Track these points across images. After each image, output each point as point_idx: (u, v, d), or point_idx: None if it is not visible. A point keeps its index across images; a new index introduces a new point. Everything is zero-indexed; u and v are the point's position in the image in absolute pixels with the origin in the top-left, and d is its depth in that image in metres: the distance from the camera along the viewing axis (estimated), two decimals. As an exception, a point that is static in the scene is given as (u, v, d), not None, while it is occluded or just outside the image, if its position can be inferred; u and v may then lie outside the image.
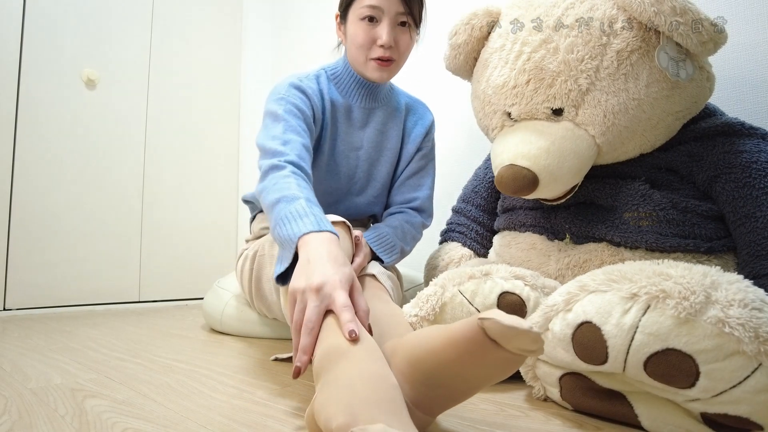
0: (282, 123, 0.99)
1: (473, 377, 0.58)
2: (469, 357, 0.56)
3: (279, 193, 0.85)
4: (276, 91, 1.06)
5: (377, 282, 0.95)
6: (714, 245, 0.86)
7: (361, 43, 1.04)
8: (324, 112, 1.10)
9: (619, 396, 0.67)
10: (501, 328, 0.53)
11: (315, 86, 1.10)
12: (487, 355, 0.55)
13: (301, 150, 0.95)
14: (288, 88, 1.05)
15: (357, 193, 1.18)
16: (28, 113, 1.89)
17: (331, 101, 1.12)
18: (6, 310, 1.83)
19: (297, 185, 0.86)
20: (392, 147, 1.19)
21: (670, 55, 0.85)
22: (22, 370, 0.96)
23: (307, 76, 1.11)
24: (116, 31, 2.11)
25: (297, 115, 1.01)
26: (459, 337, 0.57)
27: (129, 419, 0.68)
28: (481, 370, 0.57)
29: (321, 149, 1.12)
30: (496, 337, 0.54)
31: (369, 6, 1.02)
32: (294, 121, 1.00)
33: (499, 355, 0.55)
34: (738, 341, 0.56)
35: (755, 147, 0.86)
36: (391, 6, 1.02)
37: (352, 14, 1.05)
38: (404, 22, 1.04)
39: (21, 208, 1.87)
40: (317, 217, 0.79)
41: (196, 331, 1.45)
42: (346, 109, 1.13)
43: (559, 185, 0.91)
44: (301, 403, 0.75)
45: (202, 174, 2.34)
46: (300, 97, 1.05)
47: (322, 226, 0.77)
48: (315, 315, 0.66)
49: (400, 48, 1.06)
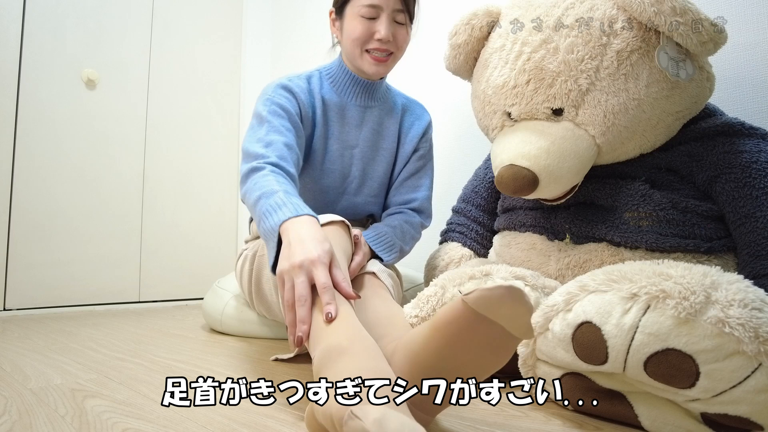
0: (265, 125, 1.01)
1: (469, 363, 0.58)
2: (459, 338, 0.56)
3: (259, 191, 0.87)
4: (264, 92, 1.08)
5: (378, 280, 0.95)
6: (714, 245, 0.86)
7: (358, 36, 1.05)
8: (314, 109, 1.12)
9: (619, 396, 0.67)
10: (482, 293, 0.53)
11: (304, 85, 1.12)
12: (476, 331, 0.55)
13: (283, 150, 0.97)
14: (275, 88, 1.07)
15: (353, 192, 1.18)
16: (28, 113, 1.89)
17: (322, 99, 1.13)
18: (6, 311, 1.83)
19: (276, 181, 0.88)
20: (388, 146, 1.19)
21: (670, 55, 0.85)
22: (22, 370, 0.96)
23: (298, 76, 1.13)
24: (116, 31, 2.11)
25: (281, 115, 1.03)
26: (447, 319, 0.57)
27: (129, 419, 0.68)
28: (474, 353, 0.57)
29: (313, 148, 1.13)
30: (481, 308, 0.54)
31: (369, 5, 1.03)
32: (277, 122, 1.01)
33: (488, 331, 0.55)
34: (738, 341, 0.55)
35: (755, 147, 0.86)
36: (389, 3, 1.04)
37: (349, 10, 1.06)
38: (401, 18, 1.06)
39: (21, 208, 1.87)
40: (295, 205, 0.81)
41: (196, 331, 1.45)
42: (341, 107, 1.14)
43: (559, 185, 0.91)
44: (301, 403, 0.75)
45: (202, 174, 2.34)
46: (286, 97, 1.06)
47: (299, 210, 0.80)
48: (304, 289, 0.68)
49: (398, 41, 1.07)
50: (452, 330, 0.57)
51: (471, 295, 0.54)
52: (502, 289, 0.53)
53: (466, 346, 0.57)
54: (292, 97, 1.07)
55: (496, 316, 0.54)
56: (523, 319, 0.55)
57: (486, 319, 0.55)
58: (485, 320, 0.55)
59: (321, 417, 0.54)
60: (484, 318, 0.55)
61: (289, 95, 1.07)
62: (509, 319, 0.55)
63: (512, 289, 0.53)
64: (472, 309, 0.55)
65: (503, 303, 0.54)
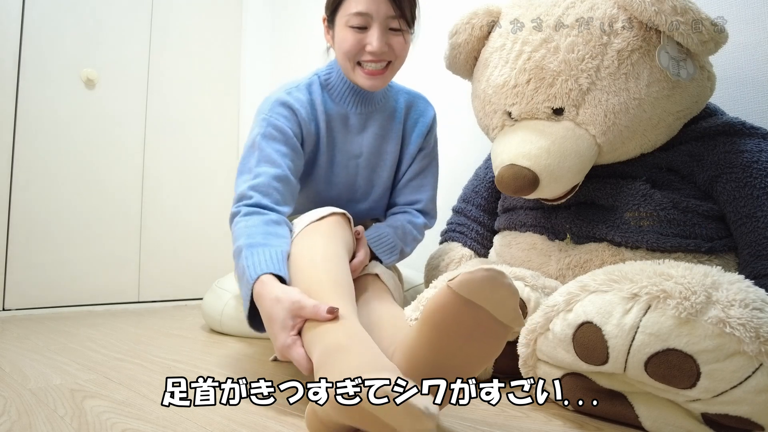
0: (257, 152, 0.95)
1: (460, 353, 0.58)
2: (447, 325, 0.56)
3: (233, 245, 0.86)
4: (261, 108, 1.02)
5: (380, 282, 0.94)
6: (715, 245, 0.85)
7: (348, 49, 0.97)
8: (317, 123, 1.05)
9: (620, 396, 0.67)
10: (464, 277, 0.54)
11: (306, 97, 1.04)
12: (463, 317, 0.55)
13: (269, 185, 0.92)
14: (272, 105, 1.00)
15: (358, 200, 1.15)
16: (27, 113, 1.89)
17: (325, 112, 1.06)
18: (5, 311, 1.82)
19: (245, 229, 0.85)
20: (392, 150, 1.14)
21: (671, 54, 0.85)
22: (21, 371, 0.96)
23: (298, 86, 1.05)
24: (115, 31, 2.10)
25: (276, 138, 0.97)
26: (434, 306, 0.57)
27: (128, 420, 0.68)
28: (465, 342, 0.57)
29: (317, 162, 1.08)
30: (465, 292, 0.54)
31: (356, 14, 0.94)
32: (270, 148, 0.95)
33: (475, 317, 0.55)
34: (739, 341, 0.55)
35: (756, 147, 0.86)
36: (380, 10, 0.94)
37: (339, 20, 0.98)
38: (396, 24, 0.96)
39: (20, 208, 1.87)
40: (250, 269, 0.79)
41: (196, 331, 1.45)
42: (343, 117, 1.08)
43: (559, 185, 0.91)
44: (301, 403, 0.75)
45: (201, 174, 2.34)
46: (284, 116, 0.99)
47: (253, 275, 0.77)
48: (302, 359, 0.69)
49: (395, 50, 0.98)
50: (439, 317, 0.57)
51: (455, 280, 0.55)
52: (483, 271, 0.54)
53: (455, 333, 0.57)
54: (291, 115, 1.00)
55: (480, 299, 0.55)
56: (508, 302, 0.55)
57: (471, 303, 0.55)
58: (470, 304, 0.55)
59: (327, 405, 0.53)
60: (469, 302, 0.55)
61: (287, 113, 1.00)
62: (494, 303, 0.55)
63: (493, 271, 0.54)
64: (457, 293, 0.55)
65: (485, 286, 0.54)
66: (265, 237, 0.83)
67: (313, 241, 0.83)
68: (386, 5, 0.94)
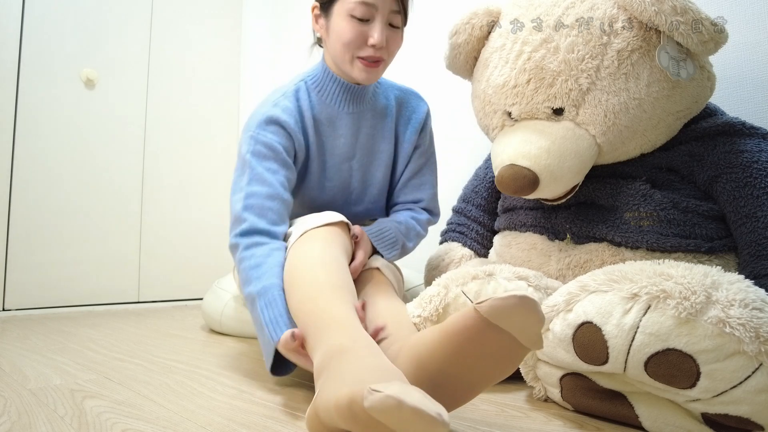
0: (247, 172, 0.95)
1: (476, 370, 0.58)
2: (469, 346, 0.56)
3: (243, 289, 0.87)
4: (248, 126, 1.00)
5: (382, 276, 0.94)
6: (715, 245, 0.85)
7: (349, 40, 0.94)
8: (305, 131, 1.04)
9: (619, 396, 0.67)
10: (495, 302, 0.53)
11: (293, 105, 1.02)
12: (487, 340, 0.55)
13: (263, 205, 0.92)
14: (258, 124, 0.98)
15: (354, 202, 1.14)
16: (27, 113, 1.89)
17: (313, 118, 1.04)
18: (5, 311, 1.82)
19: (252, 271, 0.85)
20: (385, 149, 1.12)
21: (671, 54, 0.85)
22: (21, 371, 0.96)
23: (285, 94, 1.03)
24: (115, 30, 2.10)
25: (265, 156, 0.96)
26: (458, 327, 0.57)
27: (128, 420, 0.68)
28: (482, 362, 0.57)
29: (309, 168, 1.07)
30: (493, 317, 0.54)
31: (362, 3, 0.92)
32: (260, 166, 0.95)
33: (499, 340, 0.55)
34: (739, 341, 0.55)
35: (756, 147, 0.86)
36: (386, 4, 0.94)
37: (339, 8, 0.95)
38: (396, 21, 0.97)
39: (20, 208, 1.87)
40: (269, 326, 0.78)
41: (196, 331, 1.45)
42: (332, 119, 1.06)
43: (559, 185, 0.91)
44: (301, 404, 0.75)
45: (201, 174, 2.34)
46: (272, 132, 0.98)
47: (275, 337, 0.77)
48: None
49: (390, 48, 0.98)
50: (462, 338, 0.56)
51: (484, 304, 0.54)
52: (516, 298, 0.53)
53: (475, 354, 0.56)
54: (279, 129, 0.99)
55: (508, 325, 0.54)
56: (534, 329, 0.55)
57: (497, 329, 0.54)
58: (496, 329, 0.54)
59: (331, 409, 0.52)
60: (496, 327, 0.54)
61: (275, 128, 0.98)
62: (521, 329, 0.55)
63: (526, 299, 0.53)
64: (485, 318, 0.54)
65: (516, 313, 0.53)
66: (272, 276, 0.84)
67: (311, 246, 0.83)
68: (391, 0, 0.94)
